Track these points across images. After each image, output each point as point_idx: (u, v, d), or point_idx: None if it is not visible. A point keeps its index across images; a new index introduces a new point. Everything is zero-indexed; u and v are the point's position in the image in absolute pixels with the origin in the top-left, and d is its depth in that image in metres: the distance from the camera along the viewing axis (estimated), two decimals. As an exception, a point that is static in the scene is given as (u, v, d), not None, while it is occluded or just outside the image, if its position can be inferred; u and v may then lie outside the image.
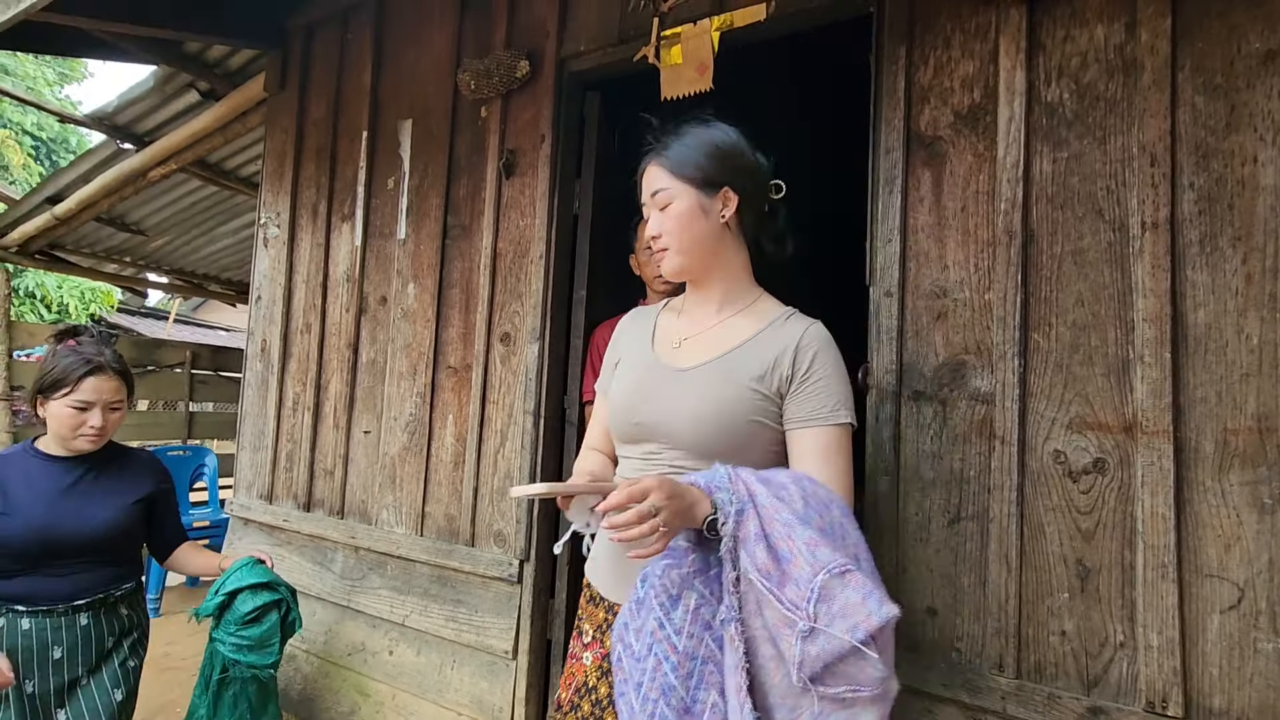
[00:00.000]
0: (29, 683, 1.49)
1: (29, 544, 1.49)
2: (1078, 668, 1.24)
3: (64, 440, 1.55)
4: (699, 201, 1.07)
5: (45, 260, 4.22)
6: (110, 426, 1.58)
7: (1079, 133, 1.29)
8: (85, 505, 1.56)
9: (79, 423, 1.53)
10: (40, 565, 1.52)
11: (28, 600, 1.52)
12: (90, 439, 1.55)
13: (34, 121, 10.96)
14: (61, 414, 1.52)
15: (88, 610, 1.57)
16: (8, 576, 1.51)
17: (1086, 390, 1.25)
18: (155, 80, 2.95)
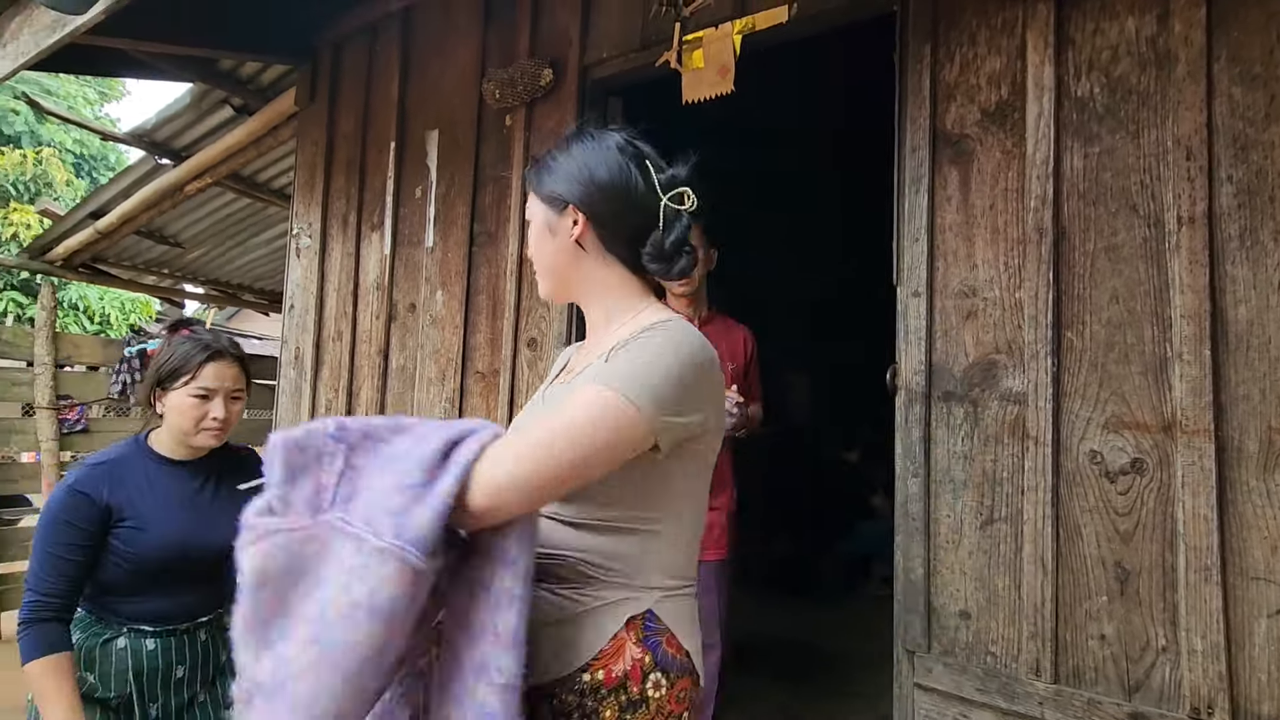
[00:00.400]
0: (154, 706, 1.40)
1: (166, 560, 1.37)
2: (1118, 672, 1.21)
3: (185, 436, 1.41)
4: (546, 220, 0.97)
5: (88, 273, 4.36)
6: (233, 418, 1.46)
7: (1111, 127, 1.27)
8: (216, 516, 1.42)
9: (201, 414, 1.39)
10: (170, 582, 1.40)
11: (156, 620, 1.40)
12: (213, 432, 1.42)
13: (75, 139, 11.35)
14: (183, 405, 1.39)
15: (206, 626, 1.48)
16: (136, 595, 1.38)
17: (1123, 389, 1.23)
18: (191, 97, 3.04)
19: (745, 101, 1.80)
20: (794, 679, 2.90)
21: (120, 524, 1.32)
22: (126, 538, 1.32)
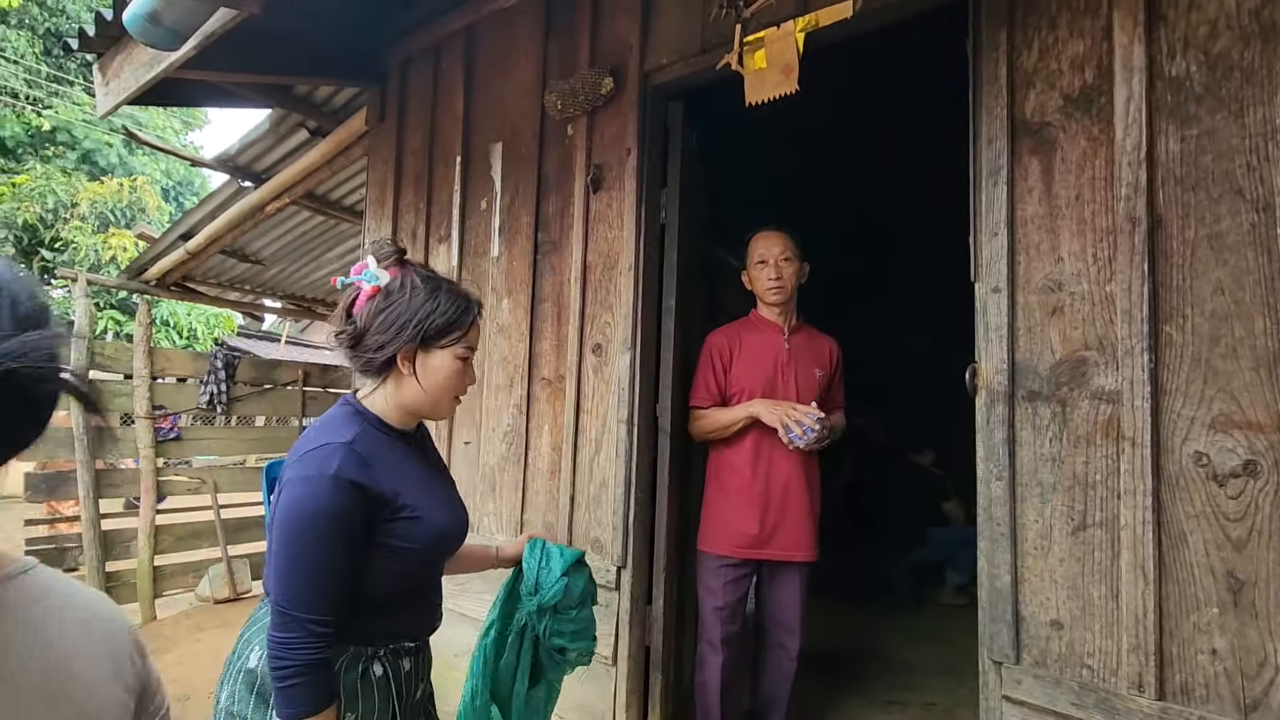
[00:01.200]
0: None
1: (438, 554, 1.18)
2: (1231, 689, 1.13)
3: (437, 404, 1.17)
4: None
5: (179, 291, 4.66)
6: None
7: (1210, 107, 1.20)
8: (453, 495, 1.24)
9: (467, 379, 1.18)
10: (429, 581, 1.21)
11: (415, 633, 1.19)
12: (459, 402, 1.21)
13: (162, 169, 12.17)
14: (449, 367, 1.13)
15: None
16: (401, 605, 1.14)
17: (1231, 386, 1.15)
18: (270, 122, 3.22)
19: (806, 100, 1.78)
20: (864, 688, 2.83)
21: (397, 516, 1.07)
22: (404, 532, 1.07)
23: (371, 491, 1.03)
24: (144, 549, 4.19)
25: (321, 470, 1.01)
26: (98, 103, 2.33)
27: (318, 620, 0.98)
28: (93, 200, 9.48)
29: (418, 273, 1.14)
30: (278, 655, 0.98)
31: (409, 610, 1.16)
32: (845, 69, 2.40)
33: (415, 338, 1.10)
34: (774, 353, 2.08)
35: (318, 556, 0.99)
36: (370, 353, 1.10)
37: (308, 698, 0.98)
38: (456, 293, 1.16)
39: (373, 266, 1.11)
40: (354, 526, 1.01)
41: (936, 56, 2.07)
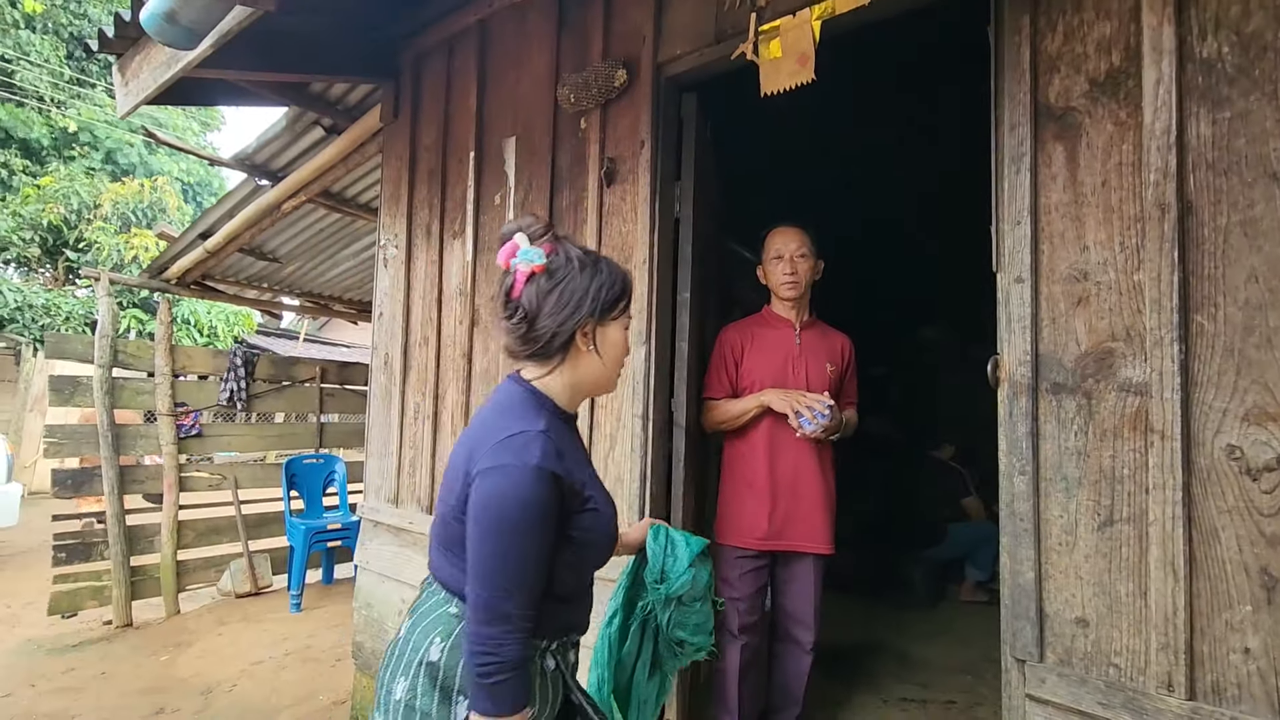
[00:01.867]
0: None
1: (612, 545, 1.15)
2: (1265, 690, 1.09)
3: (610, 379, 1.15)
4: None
5: (198, 289, 4.72)
6: None
7: (1244, 89, 1.16)
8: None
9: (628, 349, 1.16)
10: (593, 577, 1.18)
11: (582, 626, 1.16)
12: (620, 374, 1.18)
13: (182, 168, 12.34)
14: (622, 339, 1.13)
15: None
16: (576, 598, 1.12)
17: (1265, 377, 1.11)
18: (286, 120, 3.24)
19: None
20: (882, 686, 2.80)
21: (584, 508, 1.05)
22: (589, 524, 1.06)
23: (565, 483, 1.01)
24: (167, 544, 4.25)
25: (523, 460, 0.97)
26: (118, 103, 2.35)
27: (523, 615, 0.96)
28: (115, 201, 9.63)
29: (572, 246, 1.11)
30: (485, 651, 0.95)
31: (579, 603, 1.14)
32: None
33: (594, 312, 1.07)
34: (785, 347, 2.11)
35: (523, 549, 0.96)
36: (548, 335, 1.07)
37: (514, 694, 0.96)
38: (611, 261, 1.13)
39: (526, 245, 1.07)
40: (551, 518, 0.99)
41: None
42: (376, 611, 2.67)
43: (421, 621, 1.09)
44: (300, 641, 3.72)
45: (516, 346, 1.10)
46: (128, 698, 3.03)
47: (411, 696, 1.03)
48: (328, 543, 4.57)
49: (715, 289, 2.61)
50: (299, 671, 3.31)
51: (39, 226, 9.53)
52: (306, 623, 4.03)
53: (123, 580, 4.04)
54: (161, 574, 4.23)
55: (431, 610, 1.09)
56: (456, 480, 1.04)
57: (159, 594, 4.22)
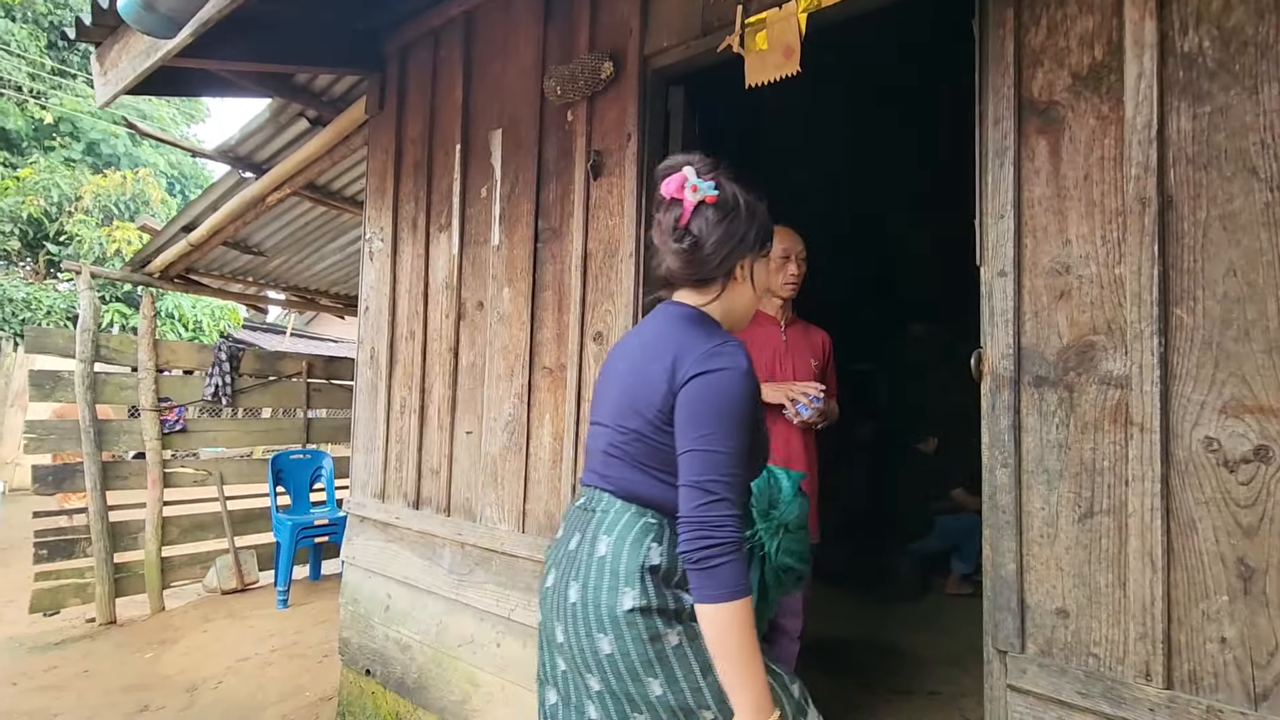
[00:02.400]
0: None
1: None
2: (1241, 678, 1.11)
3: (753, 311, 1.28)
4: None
5: (182, 283, 4.67)
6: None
7: (1224, 84, 1.16)
8: None
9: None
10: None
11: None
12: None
13: (168, 161, 12.18)
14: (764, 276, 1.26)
15: None
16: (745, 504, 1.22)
17: (1243, 370, 1.12)
18: (270, 112, 3.20)
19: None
20: (869, 678, 2.82)
21: (758, 416, 1.14)
22: (762, 432, 1.16)
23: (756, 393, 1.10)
24: (151, 540, 4.21)
25: (736, 363, 1.07)
26: (96, 93, 2.31)
27: (740, 501, 1.05)
28: (96, 193, 9.50)
29: (733, 183, 1.18)
30: (707, 535, 1.00)
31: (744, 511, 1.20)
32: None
33: (754, 246, 1.18)
34: (773, 344, 2.15)
35: (739, 440, 1.05)
36: (715, 263, 1.16)
37: (739, 574, 1.01)
38: (760, 200, 1.20)
39: (695, 178, 1.14)
40: (752, 417, 1.08)
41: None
42: (363, 607, 2.66)
43: (624, 537, 1.13)
44: (287, 638, 3.70)
45: (683, 271, 1.18)
46: (111, 695, 3.00)
47: (646, 602, 1.08)
48: (315, 538, 4.55)
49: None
50: (285, 668, 3.30)
51: (19, 219, 9.39)
52: (293, 619, 4.01)
53: (106, 577, 4.01)
54: (146, 570, 4.19)
55: (627, 527, 1.14)
56: (655, 393, 1.11)
57: (143, 591, 4.19)
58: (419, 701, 2.40)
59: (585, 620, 1.12)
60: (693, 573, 1.02)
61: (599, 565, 1.13)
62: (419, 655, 2.42)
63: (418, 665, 2.42)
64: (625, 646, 1.09)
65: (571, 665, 1.16)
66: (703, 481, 1.02)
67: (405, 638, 2.48)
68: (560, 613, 1.16)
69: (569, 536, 1.22)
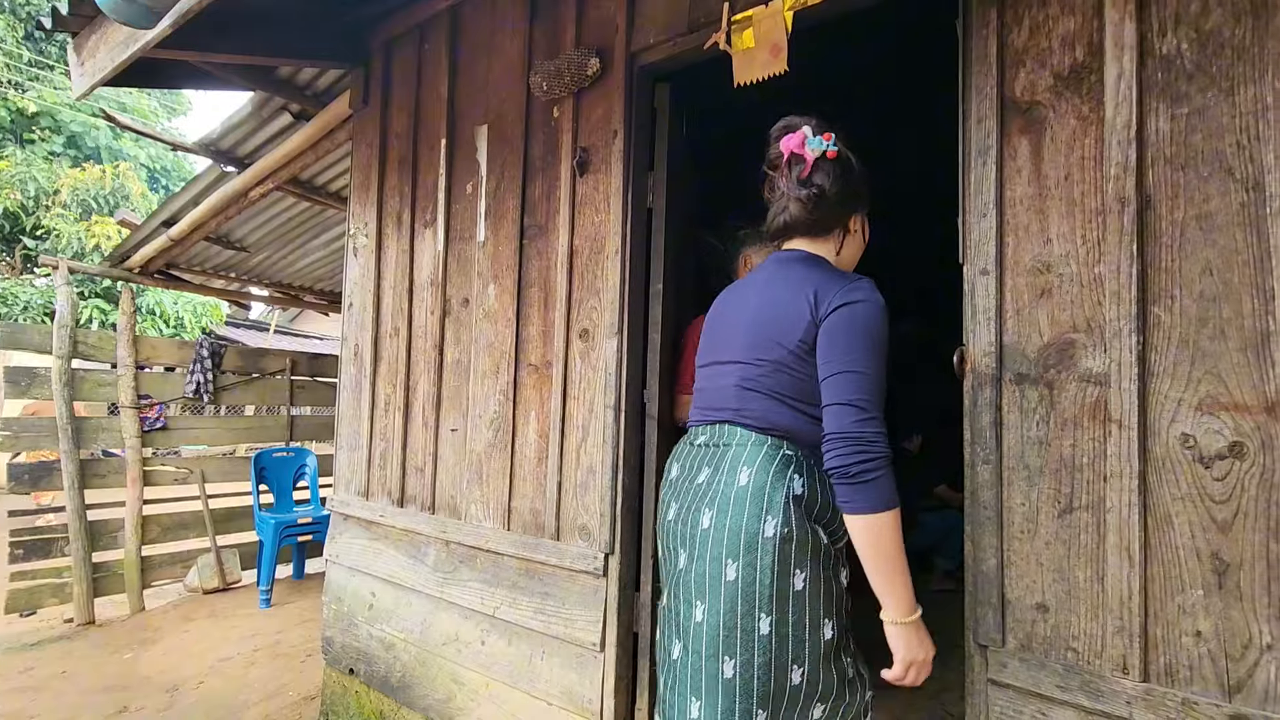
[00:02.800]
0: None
1: None
2: (1216, 671, 1.13)
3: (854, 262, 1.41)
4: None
5: (163, 279, 4.60)
6: None
7: (1201, 85, 1.18)
8: None
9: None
10: None
11: None
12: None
13: (149, 154, 12.00)
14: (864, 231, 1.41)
15: None
16: None
17: (1219, 367, 1.14)
18: (253, 106, 3.16)
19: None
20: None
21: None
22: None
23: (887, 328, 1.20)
24: (131, 539, 4.16)
25: (875, 297, 1.19)
26: (73, 84, 2.27)
27: (880, 418, 1.12)
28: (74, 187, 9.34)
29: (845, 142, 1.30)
30: (861, 451, 1.09)
31: None
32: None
33: (865, 203, 1.35)
34: None
35: (881, 364, 1.15)
36: (835, 214, 1.31)
37: (890, 487, 1.10)
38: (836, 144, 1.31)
39: (813, 135, 1.27)
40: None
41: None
42: (347, 606, 2.64)
43: (766, 468, 1.19)
44: (270, 637, 3.66)
45: (806, 219, 1.30)
46: (89, 696, 2.96)
47: (787, 530, 1.16)
48: (298, 537, 4.51)
49: (691, 281, 2.61)
50: (268, 667, 3.26)
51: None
52: (276, 618, 3.97)
53: (84, 577, 3.95)
54: (125, 570, 4.14)
55: (768, 458, 1.21)
56: (797, 325, 1.21)
57: (123, 590, 4.13)
58: (403, 700, 2.39)
59: (716, 545, 1.18)
60: (844, 486, 1.11)
61: (739, 494, 1.18)
62: (403, 654, 2.41)
63: (402, 664, 2.41)
64: (752, 575, 1.15)
65: (679, 595, 1.24)
66: (854, 400, 1.11)
67: (389, 636, 2.46)
68: (686, 540, 1.23)
69: (695, 472, 1.29)
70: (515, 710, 2.07)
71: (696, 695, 1.18)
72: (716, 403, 1.31)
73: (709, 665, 1.16)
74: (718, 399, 1.31)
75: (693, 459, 1.32)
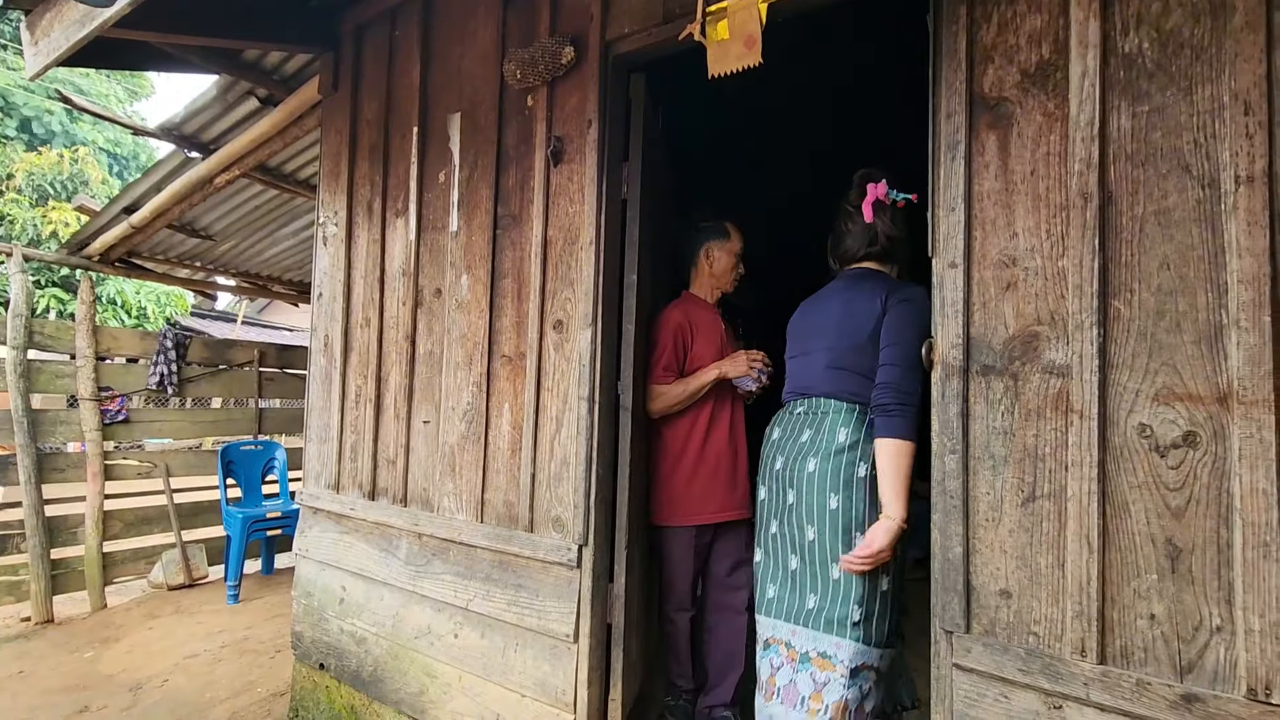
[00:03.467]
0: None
1: None
2: (1169, 653, 1.17)
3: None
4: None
5: (124, 267, 4.46)
6: None
7: (1161, 84, 1.21)
8: None
9: None
10: None
11: None
12: None
13: (108, 139, 11.61)
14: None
15: None
16: None
17: (1174, 359, 1.18)
18: (217, 89, 3.07)
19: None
20: (825, 661, 2.88)
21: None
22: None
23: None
24: (92, 535, 4.05)
25: (922, 296, 1.62)
26: (26, 64, 2.18)
27: (919, 378, 1.57)
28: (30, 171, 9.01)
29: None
30: (896, 394, 1.56)
31: None
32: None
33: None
34: (718, 330, 2.31)
35: (919, 345, 1.54)
36: (899, 249, 1.81)
37: (911, 425, 1.55)
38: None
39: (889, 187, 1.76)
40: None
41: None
42: (317, 600, 2.61)
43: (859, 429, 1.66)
44: (238, 633, 3.60)
45: (881, 248, 1.80)
46: (48, 696, 2.88)
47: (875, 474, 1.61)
48: (267, 532, 4.43)
49: (666, 272, 2.61)
50: (236, 664, 3.21)
51: (-56, 198, 8.85)
52: (245, 614, 3.90)
53: (42, 574, 3.83)
54: (86, 567, 4.03)
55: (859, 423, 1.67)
56: (872, 317, 1.67)
57: (83, 588, 4.02)
58: (375, 694, 2.36)
59: (821, 484, 1.65)
60: (880, 418, 1.56)
61: (839, 448, 1.65)
62: (375, 648, 2.39)
63: (373, 658, 2.38)
64: (849, 505, 1.62)
65: (793, 522, 1.70)
66: (899, 360, 1.58)
67: (361, 630, 2.44)
68: (794, 481, 1.71)
69: (798, 433, 1.75)
70: (489, 702, 2.06)
71: (813, 592, 1.64)
72: (811, 380, 1.76)
73: (821, 571, 1.63)
74: (812, 378, 1.76)
75: (794, 424, 1.78)
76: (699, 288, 2.38)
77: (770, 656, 1.69)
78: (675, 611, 2.24)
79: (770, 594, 1.75)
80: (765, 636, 1.73)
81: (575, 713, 1.88)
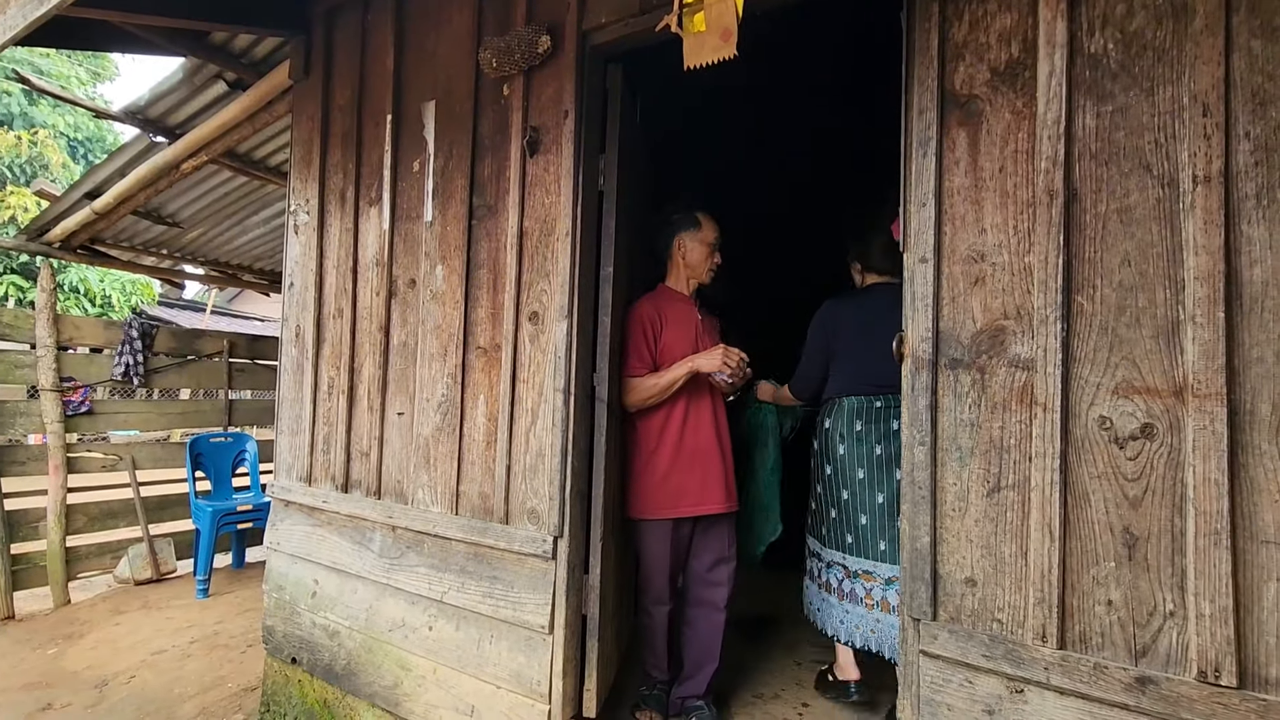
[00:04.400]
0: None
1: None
2: (1125, 637, 1.21)
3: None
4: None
5: (87, 255, 4.33)
6: None
7: (1124, 84, 1.24)
8: None
9: None
10: None
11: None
12: None
13: (69, 122, 11.24)
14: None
15: None
16: None
17: (1134, 354, 1.21)
18: (184, 73, 2.99)
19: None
20: (795, 649, 2.93)
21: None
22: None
23: None
24: (54, 530, 3.95)
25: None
26: (-20, 42, 2.10)
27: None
28: (-12, 155, 8.69)
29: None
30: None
31: None
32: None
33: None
34: (693, 321, 2.30)
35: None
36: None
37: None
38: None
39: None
40: None
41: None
42: (289, 594, 2.57)
43: (884, 426, 2.19)
44: (207, 629, 3.54)
45: (888, 266, 2.30)
46: (9, 694, 2.81)
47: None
48: (238, 525, 4.36)
49: (643, 264, 2.61)
50: (206, 660, 3.16)
51: (-105, 181, 8.51)
52: (214, 609, 3.84)
53: (2, 569, 3.73)
54: (49, 561, 3.93)
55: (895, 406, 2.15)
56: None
57: (46, 583, 3.92)
58: (348, 688, 2.35)
59: (888, 462, 2.14)
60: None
61: (898, 433, 2.10)
62: (348, 641, 2.37)
63: (347, 651, 2.37)
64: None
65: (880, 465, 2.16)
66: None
67: (333, 624, 2.42)
68: (864, 461, 2.18)
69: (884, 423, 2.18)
70: (463, 694, 2.06)
71: (883, 539, 2.13)
72: (884, 375, 2.09)
73: (889, 522, 2.13)
74: (883, 374, 2.09)
75: (875, 416, 2.20)
76: (674, 280, 2.38)
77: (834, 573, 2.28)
78: (653, 605, 2.24)
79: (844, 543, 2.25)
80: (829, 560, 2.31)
81: (550, 703, 1.89)
